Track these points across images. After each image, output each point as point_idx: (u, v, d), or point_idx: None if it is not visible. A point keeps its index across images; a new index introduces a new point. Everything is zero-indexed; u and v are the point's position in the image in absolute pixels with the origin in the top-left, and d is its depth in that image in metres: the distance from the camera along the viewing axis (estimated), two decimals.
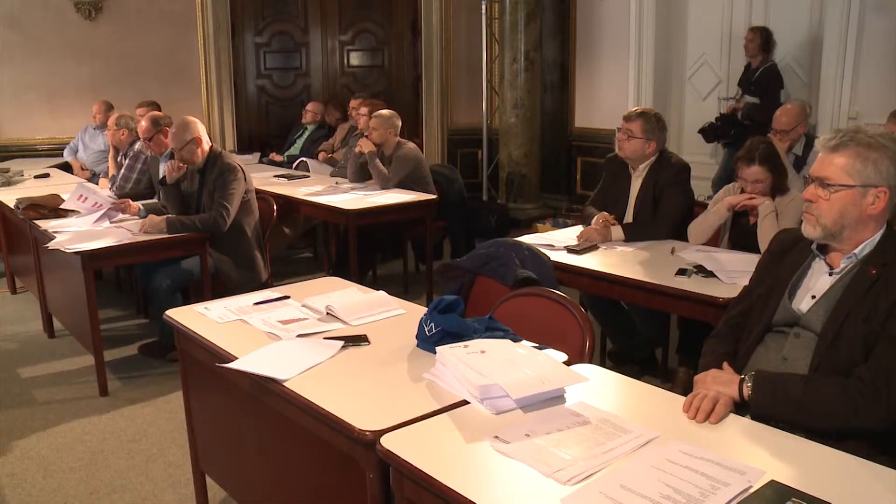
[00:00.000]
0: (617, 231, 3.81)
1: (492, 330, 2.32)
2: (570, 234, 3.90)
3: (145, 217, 4.47)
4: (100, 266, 4.52)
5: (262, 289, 3.53)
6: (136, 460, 3.51)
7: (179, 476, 3.33)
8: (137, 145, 5.50)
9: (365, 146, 5.51)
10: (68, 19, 8.15)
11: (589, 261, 3.51)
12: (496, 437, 1.78)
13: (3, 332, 5.31)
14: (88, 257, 4.01)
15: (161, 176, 4.71)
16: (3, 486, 3.34)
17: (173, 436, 3.69)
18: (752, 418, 1.96)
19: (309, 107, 7.68)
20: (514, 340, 2.25)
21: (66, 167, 7.39)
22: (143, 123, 5.13)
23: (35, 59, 8.15)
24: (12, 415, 4.02)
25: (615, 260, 3.53)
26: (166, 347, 4.54)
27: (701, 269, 3.19)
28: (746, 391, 2.00)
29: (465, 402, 1.97)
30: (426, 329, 2.32)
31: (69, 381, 4.43)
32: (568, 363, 2.17)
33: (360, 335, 2.44)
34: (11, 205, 5.09)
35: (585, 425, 1.83)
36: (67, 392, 4.28)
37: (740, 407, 1.99)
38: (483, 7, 8.21)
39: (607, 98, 7.87)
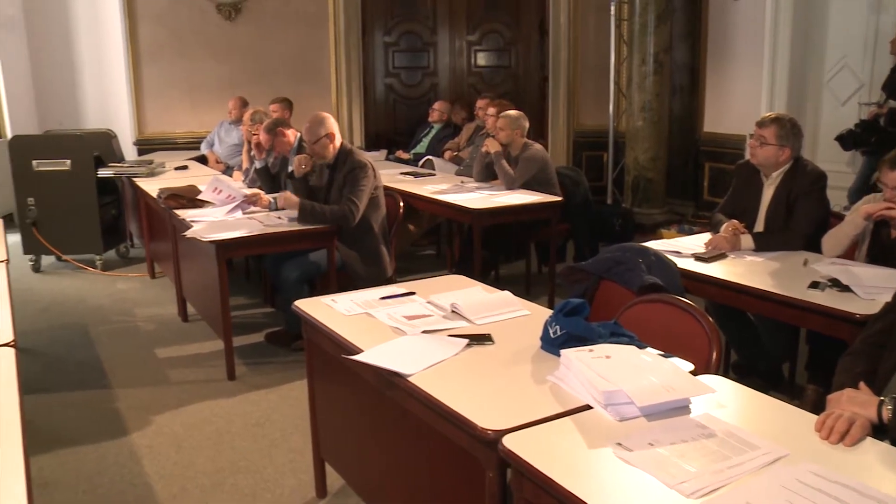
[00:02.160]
0: (747, 240, 3.70)
1: (617, 335, 2.29)
2: (698, 242, 3.81)
3: (275, 209, 4.62)
4: (232, 255, 4.69)
5: (386, 284, 3.60)
6: (260, 444, 3.63)
7: (300, 462, 3.43)
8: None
9: (492, 146, 5.53)
10: (210, 20, 8.52)
11: (716, 269, 3.43)
12: (619, 443, 1.76)
13: (143, 314, 5.60)
14: (222, 247, 4.18)
15: (289, 170, 4.86)
16: (141, 457, 3.53)
17: (295, 423, 3.80)
18: (892, 443, 1.84)
19: (436, 106, 7.76)
20: (640, 347, 2.23)
21: (203, 160, 7.72)
22: (262, 135, 5.30)
23: (178, 58, 8.56)
24: (150, 392, 4.24)
25: (744, 269, 3.43)
26: (291, 337, 4.68)
27: (836, 283, 3.06)
28: (886, 414, 1.87)
29: (588, 407, 1.95)
30: (551, 331, 2.31)
31: (200, 363, 4.63)
32: (694, 373, 2.13)
33: (485, 334, 2.46)
34: (154, 194, 5.36)
35: (711, 438, 1.78)
36: (198, 374, 4.48)
37: (878, 431, 1.87)
38: (612, 9, 8.11)
39: (738, 102, 7.65)
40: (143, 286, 6.33)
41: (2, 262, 3.61)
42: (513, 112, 5.66)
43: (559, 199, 5.34)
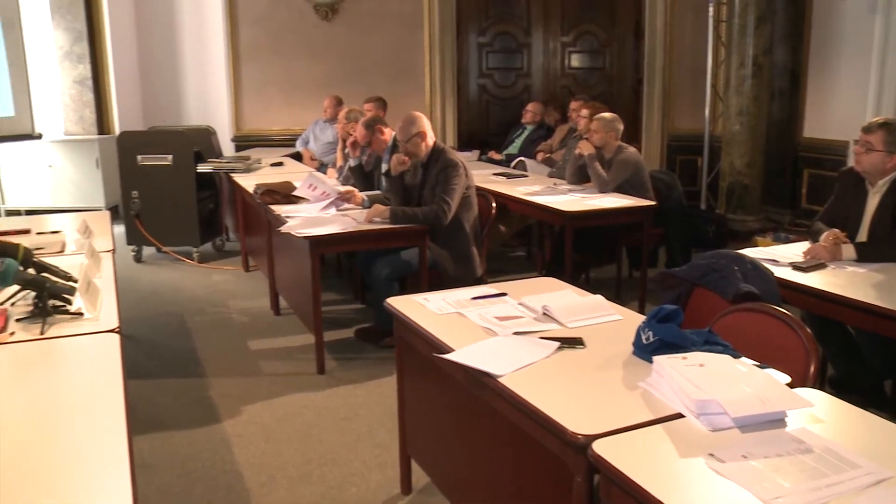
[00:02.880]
0: (848, 250, 3.58)
1: (711, 344, 2.25)
2: (796, 250, 3.71)
3: (369, 207, 4.68)
4: (325, 251, 4.78)
5: (476, 284, 3.62)
6: (347, 438, 3.69)
7: (386, 458, 3.46)
8: None
9: (585, 148, 5.50)
10: (308, 20, 8.69)
11: (815, 279, 3.33)
12: (711, 454, 1.72)
13: (237, 306, 5.75)
14: (316, 243, 4.26)
15: (385, 168, 4.92)
16: (232, 445, 3.63)
17: (382, 419, 3.84)
18: None
19: (529, 107, 7.74)
20: (734, 356, 2.18)
21: (298, 157, 7.86)
22: (360, 130, 5.37)
23: (276, 57, 8.76)
24: (242, 382, 4.35)
25: (844, 280, 3.32)
26: (381, 333, 4.74)
27: None
28: None
29: (679, 415, 1.92)
30: (643, 337, 2.29)
31: (291, 357, 4.73)
32: (790, 386, 2.07)
33: (576, 338, 2.44)
34: (250, 190, 5.49)
35: (808, 454, 1.72)
36: (289, 367, 4.57)
37: None
38: (710, 10, 7.95)
39: (842, 106, 7.40)
40: (237, 279, 6.50)
41: (109, 251, 3.76)
42: (607, 114, 5.61)
43: (652, 203, 5.27)
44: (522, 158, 6.99)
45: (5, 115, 7.78)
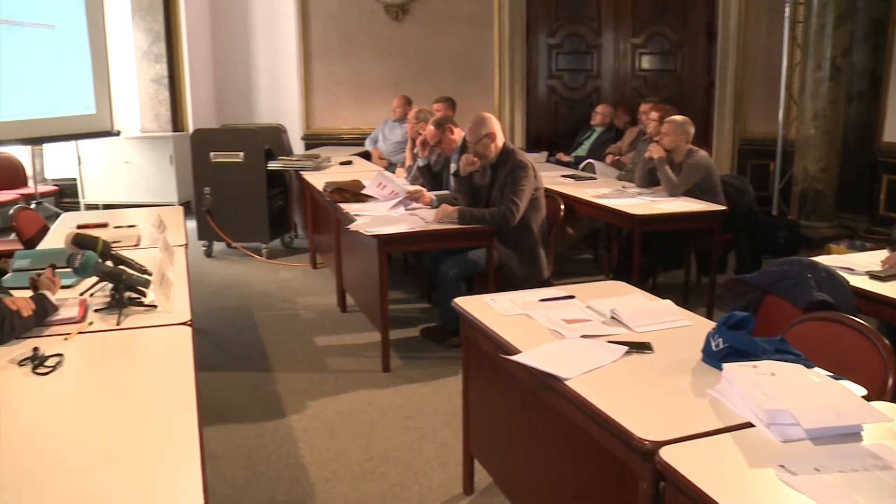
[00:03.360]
0: None
1: (782, 353, 2.20)
2: (873, 259, 3.60)
3: (437, 207, 4.70)
4: (393, 250, 4.80)
5: (543, 286, 3.59)
6: (411, 436, 3.71)
7: (449, 457, 3.47)
8: None
9: (655, 151, 5.43)
10: (378, 20, 8.77)
11: (894, 289, 3.24)
12: (782, 465, 1.68)
13: (304, 302, 5.83)
14: (384, 241, 4.29)
15: (454, 169, 4.92)
16: (297, 439, 3.68)
17: (446, 418, 3.85)
18: None
19: (598, 109, 7.67)
20: (807, 366, 2.13)
21: (366, 156, 7.92)
22: (429, 129, 5.39)
23: (347, 57, 8.86)
24: (307, 378, 4.41)
25: None
26: (446, 333, 4.75)
27: None
28: None
29: (749, 425, 1.89)
30: (713, 344, 2.25)
31: (356, 354, 4.77)
32: (866, 399, 2.01)
33: (644, 342, 2.42)
34: (320, 187, 5.56)
35: (886, 470, 1.66)
36: (354, 364, 4.61)
37: None
38: (786, 10, 7.77)
39: None
40: (304, 276, 6.59)
41: (182, 246, 3.85)
42: (678, 117, 5.53)
43: (723, 208, 5.17)
44: (591, 160, 6.93)
45: (87, 112, 8.02)
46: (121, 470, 1.70)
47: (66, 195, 8.99)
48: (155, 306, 2.82)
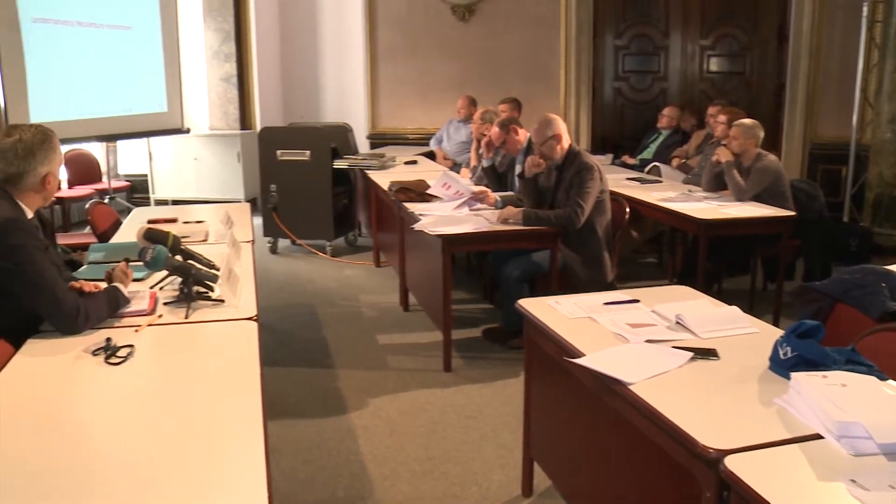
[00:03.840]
0: None
1: (854, 363, 2.14)
2: None
3: (502, 208, 4.69)
4: (457, 250, 4.80)
5: (606, 289, 3.56)
6: (471, 436, 3.70)
7: (508, 458, 3.46)
8: None
9: (723, 155, 5.33)
10: (445, 21, 8.79)
11: None
12: (853, 480, 1.62)
13: (367, 300, 5.88)
14: (448, 241, 4.30)
15: (519, 170, 4.91)
16: (357, 436, 3.71)
17: (506, 419, 3.84)
18: None
19: (665, 111, 7.57)
20: (881, 378, 2.06)
21: (431, 156, 7.95)
22: (494, 130, 5.39)
23: (413, 57, 8.91)
24: (369, 375, 4.44)
25: None
26: (508, 334, 4.74)
27: None
28: None
29: (818, 436, 1.83)
30: (781, 352, 2.20)
31: (418, 353, 4.78)
32: None
33: (710, 349, 2.37)
34: (385, 187, 5.60)
35: None
36: (416, 363, 4.63)
37: None
38: (864, 9, 7.55)
39: None
40: (368, 274, 6.64)
41: (248, 242, 3.91)
42: (747, 121, 5.42)
43: (792, 213, 5.06)
44: (657, 164, 6.85)
45: (159, 110, 8.21)
46: (186, 460, 1.74)
47: (137, 191, 9.22)
48: (222, 301, 2.87)
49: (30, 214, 2.72)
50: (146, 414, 2.02)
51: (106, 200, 7.30)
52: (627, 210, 4.75)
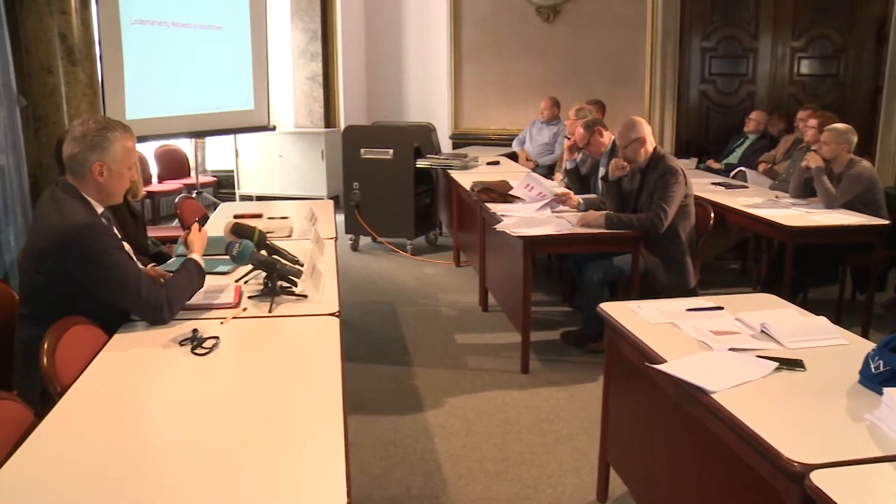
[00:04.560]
0: None
1: None
2: None
3: (584, 210, 4.65)
4: (538, 252, 4.79)
5: (688, 295, 3.51)
6: (546, 439, 3.69)
7: (584, 463, 3.44)
8: None
9: (813, 161, 5.19)
10: (529, 22, 8.78)
11: None
12: None
13: (446, 299, 5.91)
14: (530, 242, 4.30)
15: (603, 172, 4.87)
16: (433, 434, 3.73)
17: (583, 424, 3.82)
18: None
19: (752, 115, 7.40)
20: None
21: (513, 156, 7.94)
22: (578, 131, 5.35)
23: (496, 57, 8.92)
24: (446, 374, 4.46)
25: None
26: (587, 337, 4.71)
27: None
28: None
29: None
30: (872, 366, 2.13)
31: (496, 353, 4.79)
32: None
33: (796, 359, 2.31)
34: (467, 186, 5.61)
35: None
36: (493, 363, 4.63)
37: None
38: None
39: None
40: (447, 273, 6.67)
41: (332, 239, 3.96)
42: (840, 125, 5.26)
43: (885, 222, 4.89)
44: (743, 168, 6.70)
45: (246, 108, 8.40)
46: (267, 451, 1.77)
47: (223, 186, 9.44)
48: (305, 296, 2.92)
49: (99, 210, 2.78)
50: (229, 404, 2.07)
51: (193, 195, 7.50)
52: (712, 215, 4.67)
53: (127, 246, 3.17)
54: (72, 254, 2.55)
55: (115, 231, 2.91)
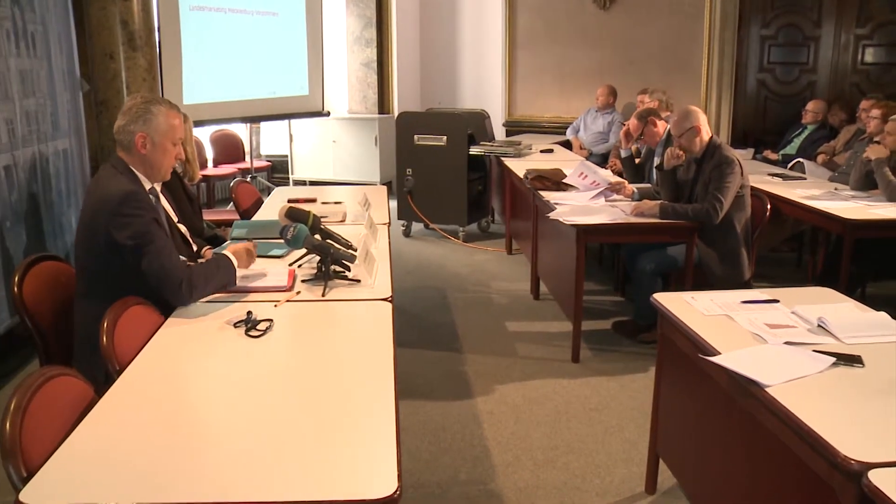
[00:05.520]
0: None
1: None
2: None
3: (639, 199, 4.61)
4: (591, 241, 4.76)
5: (742, 287, 3.46)
6: (595, 429, 3.68)
7: (633, 454, 3.43)
8: None
9: (875, 152, 5.06)
10: (585, 9, 8.70)
11: None
12: None
13: (497, 287, 5.91)
14: (583, 231, 4.27)
15: (657, 162, 4.82)
16: (482, 421, 3.74)
17: (633, 414, 3.80)
18: None
19: (810, 105, 7.24)
20: None
21: (567, 145, 7.90)
22: (632, 122, 5.30)
23: (551, 44, 8.86)
24: (496, 361, 4.47)
25: None
26: (639, 328, 4.68)
27: None
28: None
29: None
30: None
31: (546, 342, 4.78)
32: None
33: (854, 355, 2.27)
34: (520, 174, 5.60)
35: None
36: (544, 352, 4.63)
37: None
38: None
39: None
40: (499, 260, 6.67)
41: (385, 224, 3.99)
42: None
43: None
44: (801, 160, 6.57)
45: (301, 93, 8.48)
46: (319, 433, 1.80)
47: (276, 171, 9.54)
48: (358, 281, 2.94)
49: (148, 185, 2.85)
50: (282, 387, 2.10)
51: (248, 179, 7.59)
52: (768, 207, 4.59)
53: (183, 228, 3.25)
54: (111, 219, 2.62)
55: (165, 208, 2.98)
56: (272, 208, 4.37)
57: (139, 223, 2.63)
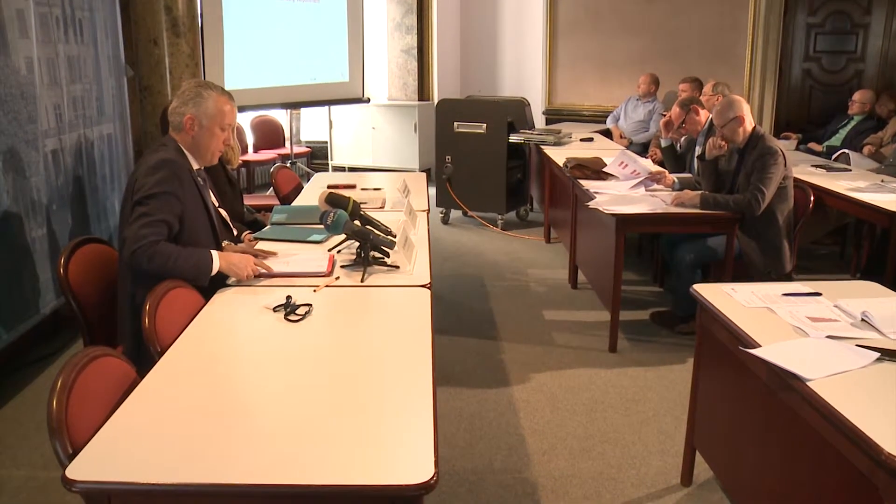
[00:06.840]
0: None
1: None
2: None
3: (679, 189, 4.57)
4: (631, 231, 4.71)
5: (784, 280, 3.42)
6: (632, 419, 3.66)
7: (669, 445, 3.41)
8: None
9: None
10: None
11: None
12: None
13: (535, 275, 5.90)
14: (622, 221, 4.25)
15: (699, 151, 4.77)
16: (518, 409, 3.74)
17: (669, 405, 3.78)
18: None
19: (856, 96, 7.11)
20: None
21: (607, 133, 7.84)
22: (674, 110, 5.26)
23: (593, 33, 8.79)
24: (533, 350, 4.47)
25: None
26: (677, 319, 4.65)
27: None
28: None
29: None
30: None
31: (584, 331, 4.76)
32: None
33: None
34: (560, 163, 5.58)
35: None
36: (581, 341, 4.61)
37: None
38: None
39: None
40: (537, 249, 6.65)
41: (424, 211, 3.99)
42: None
43: None
44: (846, 151, 6.46)
45: (341, 80, 8.51)
46: (358, 418, 1.81)
47: (316, 157, 9.59)
48: (397, 267, 2.95)
49: (195, 165, 2.92)
50: (320, 371, 2.12)
51: (288, 165, 7.64)
52: (812, 198, 4.52)
53: (224, 212, 3.29)
54: (140, 180, 2.72)
55: (208, 194, 3.01)
56: (312, 194, 4.40)
57: (156, 186, 2.69)
